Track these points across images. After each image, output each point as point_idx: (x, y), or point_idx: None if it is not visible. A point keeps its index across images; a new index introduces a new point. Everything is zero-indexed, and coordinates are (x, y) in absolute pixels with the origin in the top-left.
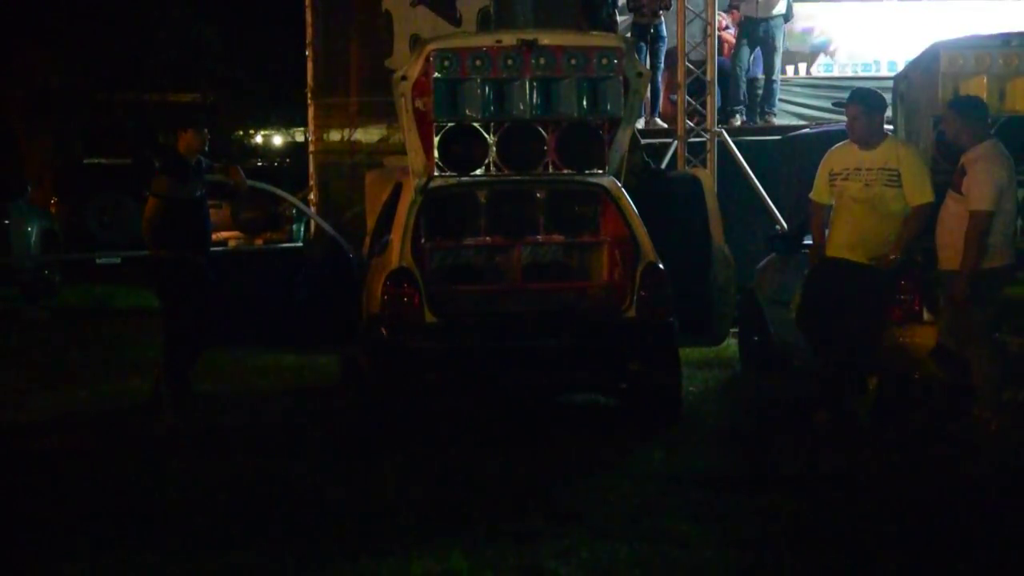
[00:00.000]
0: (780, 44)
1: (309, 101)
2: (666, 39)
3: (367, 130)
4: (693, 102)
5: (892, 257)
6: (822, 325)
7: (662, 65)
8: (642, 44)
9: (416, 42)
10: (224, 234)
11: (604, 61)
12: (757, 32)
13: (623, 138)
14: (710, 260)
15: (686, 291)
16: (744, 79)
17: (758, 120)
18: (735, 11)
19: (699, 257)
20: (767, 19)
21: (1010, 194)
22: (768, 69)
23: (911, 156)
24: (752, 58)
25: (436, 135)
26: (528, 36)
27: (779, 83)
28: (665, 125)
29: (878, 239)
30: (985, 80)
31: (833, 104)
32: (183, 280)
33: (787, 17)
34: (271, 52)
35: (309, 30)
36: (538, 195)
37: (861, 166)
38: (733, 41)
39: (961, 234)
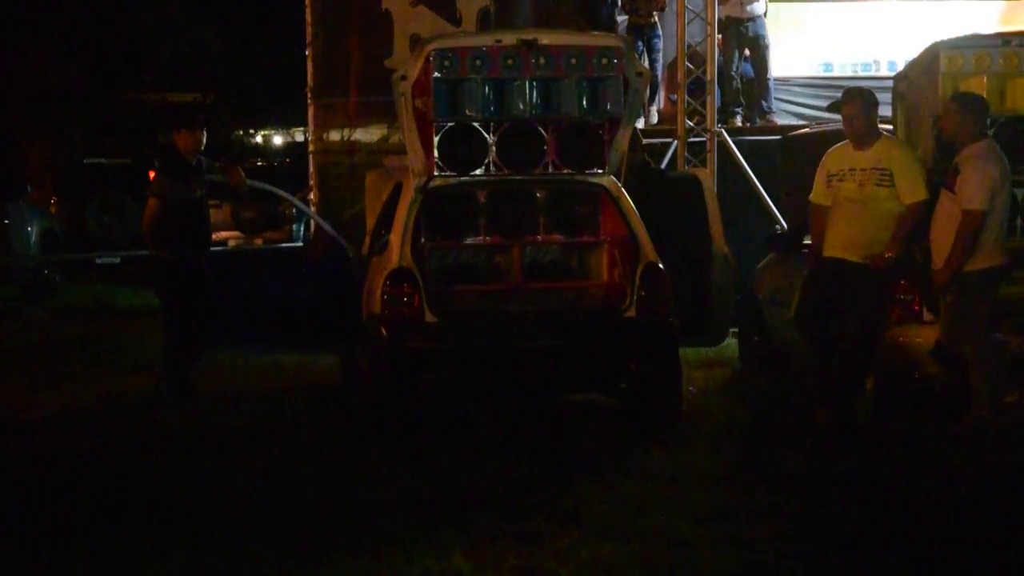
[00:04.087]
0: (767, 42)
1: (309, 101)
2: (662, 38)
3: (367, 130)
4: (693, 102)
5: (887, 256)
6: (820, 325)
7: (660, 63)
8: (639, 43)
9: (416, 42)
10: (224, 234)
11: (604, 61)
12: (743, 33)
13: (623, 138)
14: (710, 260)
15: (686, 291)
16: (738, 80)
17: (758, 120)
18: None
19: (699, 257)
20: (751, 19)
21: (1003, 194)
22: (759, 68)
23: (903, 155)
24: (740, 58)
25: (436, 135)
26: (528, 36)
27: (773, 80)
28: (655, 120)
29: (872, 239)
30: (985, 80)
31: (827, 108)
32: (183, 280)
33: (766, 14)
34: (271, 52)
35: (309, 30)
36: (538, 195)
37: (855, 166)
38: None
39: (955, 233)
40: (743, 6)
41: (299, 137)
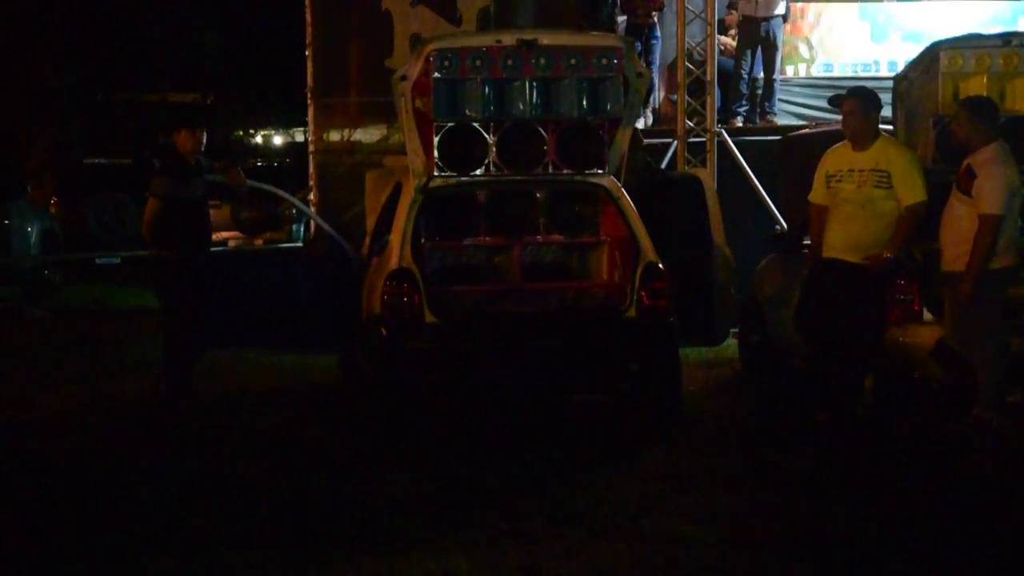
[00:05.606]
0: (780, 43)
1: (309, 101)
2: (660, 39)
3: (367, 130)
4: (693, 102)
5: (886, 256)
6: (819, 326)
7: (656, 62)
8: (637, 44)
9: (416, 42)
10: (224, 234)
11: (604, 61)
12: (757, 32)
13: (623, 138)
14: (710, 260)
15: (686, 291)
16: (747, 79)
17: (759, 120)
18: (732, 11)
19: (699, 257)
20: (767, 19)
21: (1018, 196)
22: (768, 68)
23: (901, 156)
24: (753, 58)
25: (436, 135)
26: (528, 36)
27: (779, 82)
28: (650, 122)
29: (871, 239)
30: (985, 80)
31: (829, 101)
32: (183, 280)
33: (785, 17)
34: (271, 52)
35: (309, 30)
36: (538, 195)
37: (854, 167)
38: (732, 44)
39: (966, 235)
40: (760, 5)
41: (299, 137)
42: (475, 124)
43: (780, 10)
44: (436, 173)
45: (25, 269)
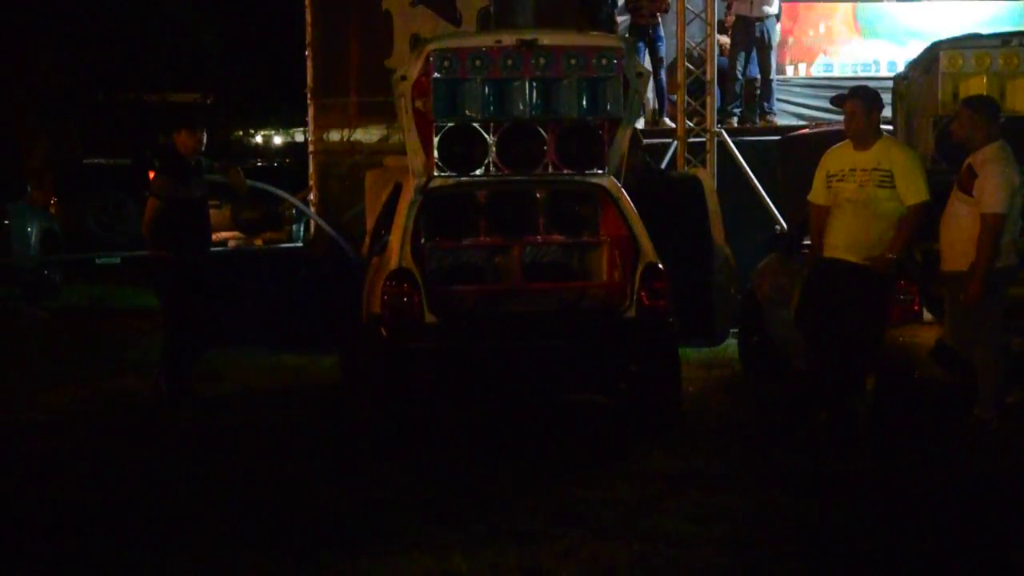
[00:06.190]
0: (775, 43)
1: (309, 101)
2: (664, 39)
3: (367, 130)
4: (693, 102)
5: (889, 256)
6: (820, 326)
7: (664, 64)
8: (641, 44)
9: (416, 42)
10: (224, 234)
11: (604, 61)
12: (751, 32)
13: (623, 138)
14: (710, 260)
15: (686, 291)
16: (741, 79)
17: (758, 120)
18: (729, 13)
19: (699, 257)
20: (761, 19)
21: (1019, 196)
22: (764, 68)
23: (903, 156)
24: (748, 58)
25: (436, 135)
26: (528, 36)
27: (777, 82)
28: (673, 124)
29: (873, 239)
30: (985, 80)
31: (830, 101)
32: (183, 280)
33: (779, 17)
34: (271, 52)
35: (309, 30)
36: (538, 195)
37: (856, 167)
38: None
39: (967, 235)
40: (755, 5)
41: (299, 137)
42: (475, 124)
43: (774, 9)
44: (436, 173)
45: (25, 269)
